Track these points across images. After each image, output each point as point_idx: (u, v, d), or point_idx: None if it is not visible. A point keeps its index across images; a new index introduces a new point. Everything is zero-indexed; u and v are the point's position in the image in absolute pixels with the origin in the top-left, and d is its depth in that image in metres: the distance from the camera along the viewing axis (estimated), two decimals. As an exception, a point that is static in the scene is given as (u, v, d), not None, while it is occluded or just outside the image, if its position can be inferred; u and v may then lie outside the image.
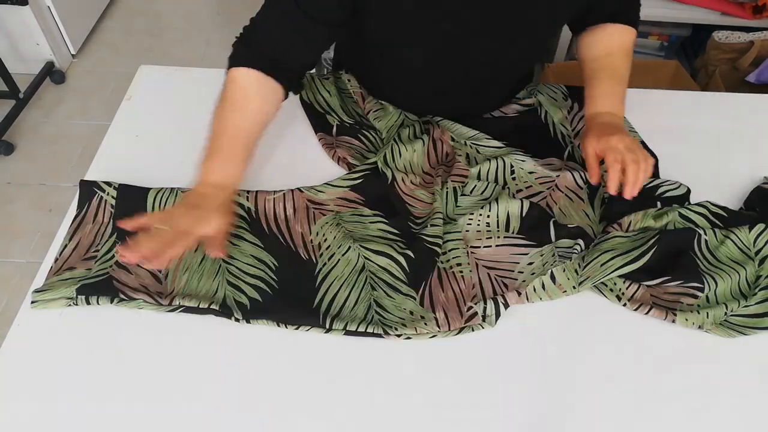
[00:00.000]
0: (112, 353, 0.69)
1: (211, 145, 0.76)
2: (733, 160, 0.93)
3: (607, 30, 0.91)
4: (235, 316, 0.71)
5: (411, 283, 0.75)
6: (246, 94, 0.78)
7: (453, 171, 0.86)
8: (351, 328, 0.70)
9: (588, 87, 0.90)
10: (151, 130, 0.95)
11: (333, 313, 0.72)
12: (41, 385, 0.66)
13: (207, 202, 0.72)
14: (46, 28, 2.13)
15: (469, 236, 0.80)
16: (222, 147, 0.76)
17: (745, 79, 1.67)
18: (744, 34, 1.71)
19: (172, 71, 1.05)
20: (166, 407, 0.65)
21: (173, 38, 2.48)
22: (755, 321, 0.72)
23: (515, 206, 0.81)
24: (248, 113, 0.78)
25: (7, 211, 1.82)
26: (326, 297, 0.74)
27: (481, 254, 0.78)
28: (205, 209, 0.71)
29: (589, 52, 0.92)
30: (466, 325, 0.71)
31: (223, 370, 0.68)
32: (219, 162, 0.75)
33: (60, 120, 2.11)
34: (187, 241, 0.68)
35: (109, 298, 0.71)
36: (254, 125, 0.78)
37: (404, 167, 0.88)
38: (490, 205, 0.81)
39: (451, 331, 0.71)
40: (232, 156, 0.76)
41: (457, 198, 0.84)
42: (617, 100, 0.88)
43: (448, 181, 0.85)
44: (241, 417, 0.64)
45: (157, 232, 0.67)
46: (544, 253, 0.78)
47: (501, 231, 0.80)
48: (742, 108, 1.03)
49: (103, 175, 0.87)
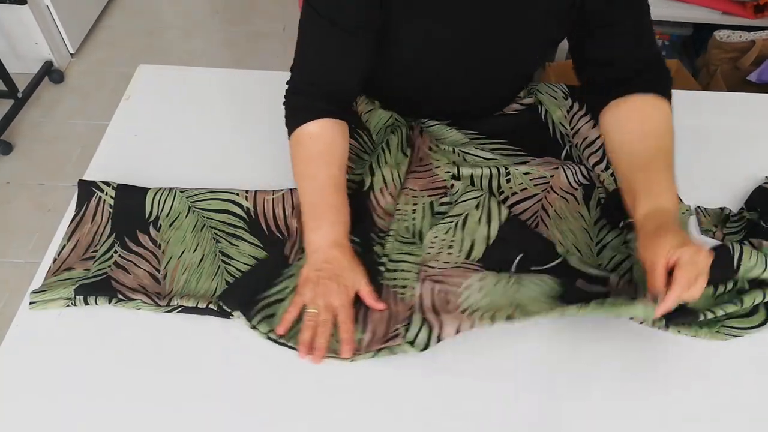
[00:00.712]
0: (111, 354, 0.68)
1: (314, 211, 0.74)
2: (734, 159, 0.93)
3: (637, 104, 0.78)
4: (233, 314, 0.70)
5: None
6: (328, 147, 0.77)
7: (429, 185, 0.85)
8: (272, 337, 0.68)
9: (642, 177, 0.73)
10: (150, 129, 0.94)
11: (268, 313, 0.70)
12: (40, 386, 0.65)
13: (339, 265, 0.71)
14: (44, 27, 2.12)
15: (428, 258, 0.76)
16: (326, 210, 0.74)
17: (747, 78, 1.67)
18: (745, 34, 1.71)
19: (171, 71, 1.05)
20: (165, 407, 0.64)
21: (173, 38, 2.48)
22: (747, 321, 0.71)
23: (482, 233, 0.77)
24: (336, 161, 0.77)
25: (5, 211, 1.82)
26: (274, 296, 0.72)
27: (432, 272, 0.74)
28: (342, 273, 0.70)
29: (629, 134, 0.77)
30: (384, 346, 0.67)
31: (222, 370, 0.67)
32: (328, 225, 0.73)
33: (59, 120, 2.10)
34: (348, 312, 0.69)
35: (107, 298, 0.71)
36: (342, 170, 0.78)
37: (383, 178, 0.83)
38: (455, 230, 0.78)
39: (370, 353, 0.67)
40: (338, 212, 0.75)
41: (433, 213, 0.82)
42: (674, 193, 0.72)
43: (425, 195, 0.83)
44: (241, 417, 0.64)
45: (311, 317, 0.68)
46: (500, 275, 0.73)
47: (461, 256, 0.76)
48: (743, 107, 1.03)
49: (102, 174, 0.86)
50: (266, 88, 1.01)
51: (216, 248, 0.78)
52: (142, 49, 2.42)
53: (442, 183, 0.85)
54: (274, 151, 0.91)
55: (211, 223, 0.80)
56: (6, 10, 2.01)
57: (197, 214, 0.81)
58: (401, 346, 0.66)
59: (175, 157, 0.90)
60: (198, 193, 0.83)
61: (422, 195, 0.83)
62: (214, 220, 0.81)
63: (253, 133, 0.94)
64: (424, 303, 0.70)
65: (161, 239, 0.79)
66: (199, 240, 0.79)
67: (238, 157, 0.91)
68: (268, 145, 0.92)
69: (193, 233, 0.79)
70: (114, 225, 0.80)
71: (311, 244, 0.73)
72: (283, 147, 0.92)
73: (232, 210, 0.82)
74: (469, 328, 0.66)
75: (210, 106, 0.99)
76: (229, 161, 0.90)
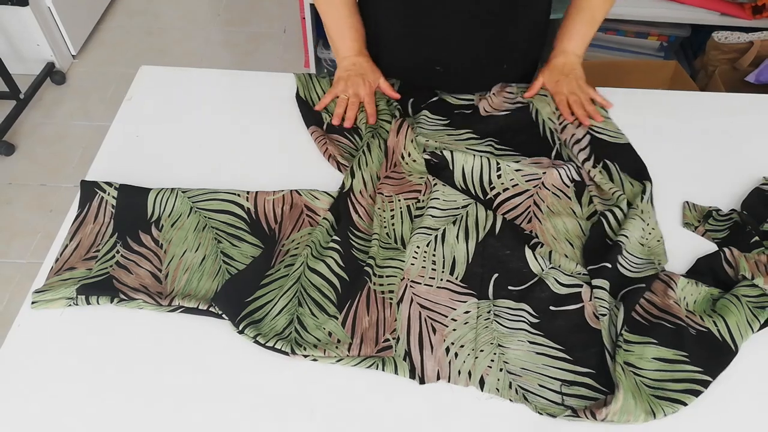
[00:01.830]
0: (112, 353, 0.69)
1: (338, 29, 0.99)
2: (732, 160, 0.93)
3: None
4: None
5: (338, 303, 0.73)
6: None
7: (404, 189, 0.85)
8: (260, 341, 0.68)
9: (565, 22, 1.00)
10: (152, 130, 0.95)
11: (255, 317, 0.71)
12: (41, 385, 0.66)
13: (363, 67, 0.99)
14: (46, 28, 2.13)
15: (413, 270, 0.76)
16: (348, 29, 0.99)
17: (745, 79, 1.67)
18: (743, 35, 1.71)
19: (172, 72, 1.06)
20: (166, 407, 0.65)
21: (173, 38, 2.48)
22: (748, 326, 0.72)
23: (461, 253, 0.78)
24: None
25: (7, 212, 1.83)
26: (258, 301, 0.73)
27: (420, 290, 0.74)
28: (366, 74, 0.99)
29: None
30: (376, 354, 0.68)
31: (224, 369, 0.68)
32: (351, 40, 0.99)
33: (60, 120, 2.11)
34: (371, 99, 0.97)
35: (109, 298, 0.72)
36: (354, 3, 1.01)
37: (363, 180, 0.85)
38: (436, 243, 0.78)
39: (359, 357, 0.68)
40: (357, 30, 1.00)
41: (411, 217, 0.82)
42: (583, 42, 1.00)
43: (400, 199, 0.84)
44: (242, 416, 0.64)
45: (341, 101, 0.96)
46: (480, 306, 0.73)
47: (446, 273, 0.76)
48: (741, 108, 1.03)
49: (104, 175, 0.87)
50: (267, 89, 1.02)
51: (217, 248, 0.78)
52: (143, 50, 2.42)
53: (417, 187, 0.86)
54: (274, 152, 0.92)
55: (213, 224, 0.81)
56: (8, 12, 2.02)
57: (199, 215, 0.82)
58: (390, 363, 0.67)
59: (176, 158, 0.90)
60: (199, 194, 0.84)
61: (398, 198, 0.84)
62: (215, 221, 0.81)
63: (254, 134, 0.95)
64: (411, 329, 0.71)
65: (163, 239, 0.79)
66: (200, 240, 0.79)
67: (239, 158, 0.91)
68: (269, 146, 0.92)
69: (195, 233, 0.80)
70: (116, 225, 0.80)
71: (339, 52, 1.01)
72: (284, 147, 0.93)
73: (234, 210, 0.83)
74: (447, 381, 0.67)
75: (211, 107, 0.99)
76: (231, 162, 0.90)
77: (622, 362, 0.67)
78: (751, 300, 0.72)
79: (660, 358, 0.68)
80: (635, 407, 0.63)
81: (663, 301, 0.73)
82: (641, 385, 0.66)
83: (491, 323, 0.71)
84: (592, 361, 0.69)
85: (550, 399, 0.66)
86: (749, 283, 0.74)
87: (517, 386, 0.67)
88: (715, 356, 0.69)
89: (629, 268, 0.77)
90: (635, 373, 0.67)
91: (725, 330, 0.70)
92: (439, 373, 0.67)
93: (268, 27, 2.54)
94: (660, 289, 0.74)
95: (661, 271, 0.76)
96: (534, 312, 0.72)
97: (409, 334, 0.70)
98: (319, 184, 0.87)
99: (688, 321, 0.71)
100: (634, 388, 0.65)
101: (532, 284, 0.75)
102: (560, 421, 0.64)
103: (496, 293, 0.74)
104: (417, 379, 0.67)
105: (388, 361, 0.67)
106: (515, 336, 0.70)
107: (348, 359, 0.67)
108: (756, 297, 0.73)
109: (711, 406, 0.66)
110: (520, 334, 0.71)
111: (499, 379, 0.67)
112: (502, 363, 0.68)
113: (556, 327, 0.71)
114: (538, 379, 0.67)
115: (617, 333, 0.70)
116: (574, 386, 0.67)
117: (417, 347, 0.69)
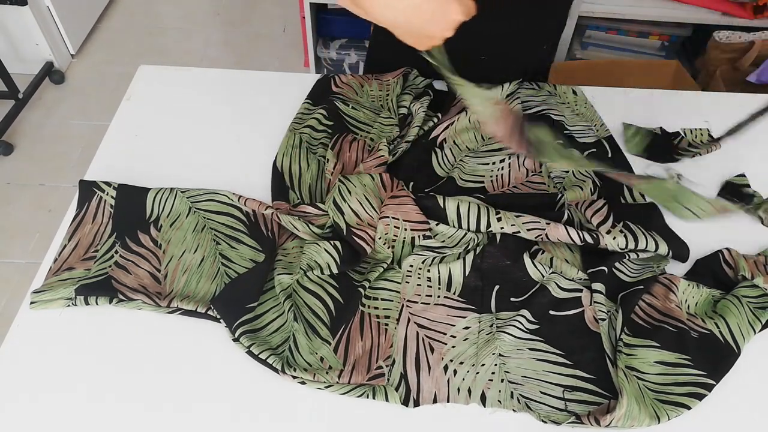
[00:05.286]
0: (112, 353, 0.68)
1: None
2: (733, 160, 0.93)
3: None
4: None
5: (332, 326, 0.70)
6: None
7: (411, 217, 0.78)
8: (254, 351, 0.67)
9: None
10: (151, 130, 0.95)
11: (255, 325, 0.70)
12: (40, 386, 0.66)
13: None
14: (45, 28, 2.13)
15: (408, 289, 0.74)
16: None
17: (746, 79, 1.67)
18: (745, 34, 1.71)
19: (171, 71, 1.05)
20: (166, 408, 0.64)
21: (173, 38, 2.48)
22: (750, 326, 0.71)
23: (457, 268, 0.75)
24: None
25: (6, 212, 1.82)
26: (260, 307, 0.72)
27: (417, 309, 0.72)
28: None
29: None
30: (367, 383, 0.65)
31: (224, 370, 0.68)
32: None
33: (59, 120, 2.11)
34: None
35: (108, 298, 0.71)
36: None
37: (351, 211, 0.78)
38: (432, 262, 0.76)
39: (349, 385, 0.65)
40: None
41: (413, 246, 0.77)
42: None
43: (407, 228, 0.77)
44: (241, 417, 0.64)
45: None
46: (482, 321, 0.71)
47: (442, 289, 0.74)
48: (742, 108, 1.03)
49: (103, 175, 0.86)
50: (266, 88, 1.02)
51: (216, 250, 0.78)
52: (142, 49, 2.42)
53: (423, 218, 0.78)
54: (274, 152, 0.91)
55: (212, 225, 0.81)
56: (7, 11, 2.02)
57: (198, 215, 0.82)
58: (381, 392, 0.65)
59: (175, 158, 0.90)
60: (199, 194, 0.83)
61: (404, 226, 0.77)
62: (214, 222, 0.81)
63: (254, 134, 0.94)
64: (407, 350, 0.69)
65: (162, 239, 0.79)
66: (199, 241, 0.79)
67: (238, 158, 0.91)
68: (269, 146, 0.92)
69: (194, 234, 0.80)
70: (115, 225, 0.80)
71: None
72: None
73: (233, 212, 0.82)
74: (446, 401, 0.66)
75: (210, 106, 0.99)
76: (230, 162, 0.90)
77: (624, 367, 0.66)
78: (752, 301, 0.72)
79: (662, 362, 0.68)
80: (639, 412, 0.62)
81: (664, 304, 0.72)
82: (644, 389, 0.65)
83: (494, 336, 0.70)
84: (594, 365, 0.68)
85: (552, 406, 0.65)
86: (749, 283, 0.73)
87: (519, 395, 0.66)
88: (718, 359, 0.68)
89: (629, 273, 0.76)
90: (638, 377, 0.67)
91: (727, 332, 0.70)
92: (437, 395, 0.66)
93: (267, 27, 2.53)
94: (661, 293, 0.73)
95: (661, 274, 0.76)
96: (533, 317, 0.71)
97: (405, 356, 0.69)
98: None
99: (690, 324, 0.71)
100: (637, 392, 0.64)
101: (534, 291, 0.74)
102: (564, 428, 0.64)
103: (499, 306, 0.73)
104: (411, 403, 0.65)
105: (379, 390, 0.66)
106: (516, 345, 0.70)
107: (337, 386, 0.66)
108: (757, 298, 0.73)
109: (714, 409, 0.66)
110: (521, 342, 0.70)
111: (500, 390, 0.66)
112: (503, 374, 0.67)
113: (556, 332, 0.71)
114: (539, 386, 0.67)
115: (617, 337, 0.69)
116: (576, 392, 0.67)
117: (414, 369, 0.68)
